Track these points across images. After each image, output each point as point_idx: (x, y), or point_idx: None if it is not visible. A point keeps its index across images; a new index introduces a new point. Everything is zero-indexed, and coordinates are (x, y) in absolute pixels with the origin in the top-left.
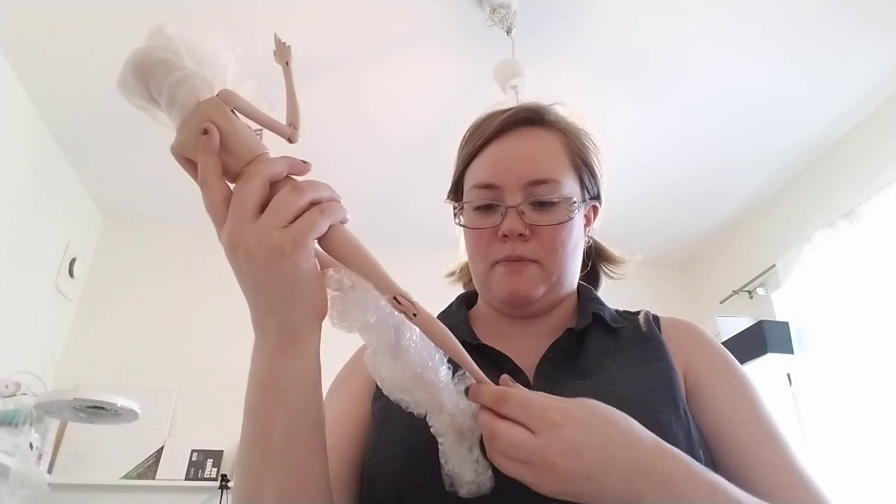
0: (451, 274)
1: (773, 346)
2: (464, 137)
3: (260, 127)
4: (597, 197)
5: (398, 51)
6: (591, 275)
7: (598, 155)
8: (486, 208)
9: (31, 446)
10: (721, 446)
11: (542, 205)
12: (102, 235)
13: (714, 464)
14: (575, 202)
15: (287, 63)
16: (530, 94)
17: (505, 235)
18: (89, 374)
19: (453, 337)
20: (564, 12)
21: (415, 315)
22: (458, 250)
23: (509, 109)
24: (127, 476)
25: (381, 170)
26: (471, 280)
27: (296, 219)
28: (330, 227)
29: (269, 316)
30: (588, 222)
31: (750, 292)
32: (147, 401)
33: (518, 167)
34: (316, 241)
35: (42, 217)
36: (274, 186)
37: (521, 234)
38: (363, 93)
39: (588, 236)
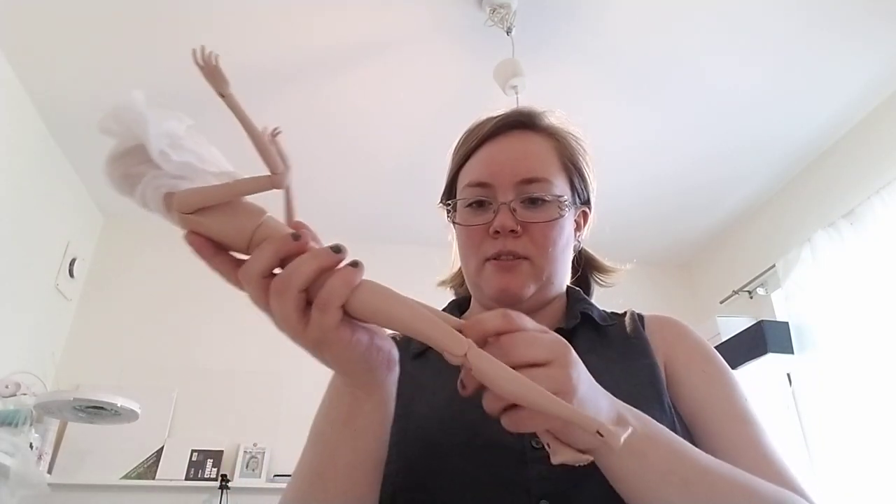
0: (443, 283)
1: (773, 346)
2: (458, 141)
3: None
4: (587, 203)
5: (398, 50)
6: (581, 283)
7: (589, 160)
8: (479, 205)
9: (31, 446)
10: (697, 430)
11: (533, 202)
12: (102, 235)
13: None
14: (566, 200)
15: (223, 94)
16: (530, 94)
17: (497, 231)
18: (89, 374)
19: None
20: (564, 12)
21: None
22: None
23: (503, 113)
24: (127, 476)
25: (381, 170)
26: (462, 284)
27: (309, 312)
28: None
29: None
30: (578, 227)
31: (750, 292)
32: (147, 401)
33: (510, 166)
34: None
35: (42, 217)
36: (284, 260)
37: (512, 231)
38: (363, 93)
39: (577, 241)
